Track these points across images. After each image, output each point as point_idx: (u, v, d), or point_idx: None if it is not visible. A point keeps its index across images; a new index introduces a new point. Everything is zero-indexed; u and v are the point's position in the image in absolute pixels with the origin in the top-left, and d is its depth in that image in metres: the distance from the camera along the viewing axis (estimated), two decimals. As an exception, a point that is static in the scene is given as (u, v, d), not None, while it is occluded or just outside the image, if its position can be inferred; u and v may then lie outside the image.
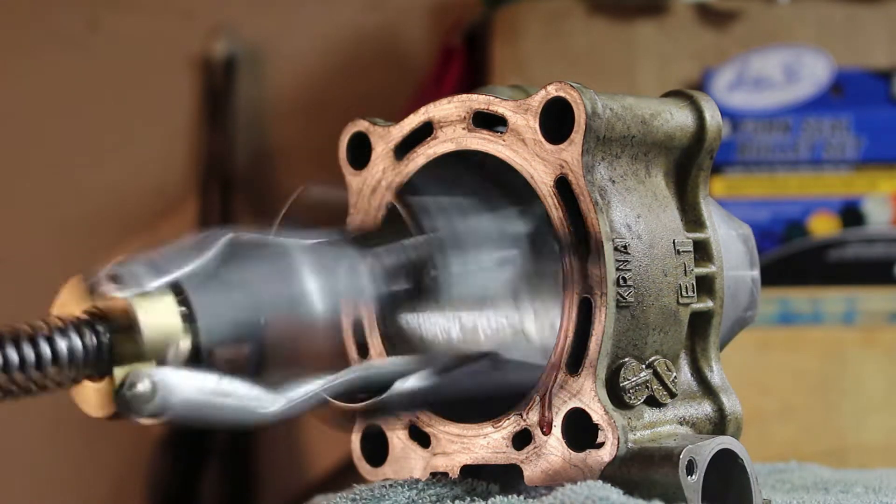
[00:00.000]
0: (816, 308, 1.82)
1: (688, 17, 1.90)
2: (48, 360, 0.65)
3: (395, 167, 0.83)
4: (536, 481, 0.77)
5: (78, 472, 2.43)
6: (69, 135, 2.45)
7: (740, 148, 1.86)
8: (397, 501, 0.77)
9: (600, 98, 0.76)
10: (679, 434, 0.78)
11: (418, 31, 2.37)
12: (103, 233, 2.42)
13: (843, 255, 1.84)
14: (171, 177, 2.44)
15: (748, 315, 0.86)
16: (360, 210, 0.85)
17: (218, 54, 2.40)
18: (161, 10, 2.44)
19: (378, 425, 0.84)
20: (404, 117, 0.83)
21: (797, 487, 0.93)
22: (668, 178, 0.82)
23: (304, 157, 2.38)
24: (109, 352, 0.66)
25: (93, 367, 0.66)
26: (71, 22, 2.45)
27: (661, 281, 0.77)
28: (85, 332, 0.66)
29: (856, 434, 1.78)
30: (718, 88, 1.87)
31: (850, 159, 1.85)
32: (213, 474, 2.32)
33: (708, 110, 0.82)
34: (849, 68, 1.87)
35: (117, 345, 0.67)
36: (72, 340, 0.65)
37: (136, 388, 0.66)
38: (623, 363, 0.76)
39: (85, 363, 0.66)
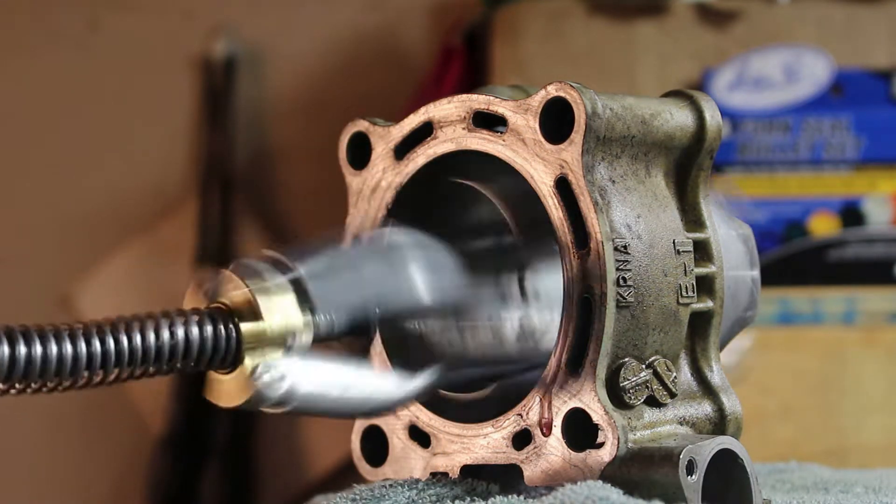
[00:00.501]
0: (816, 308, 1.82)
1: (688, 17, 1.90)
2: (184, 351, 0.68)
3: (395, 167, 0.83)
4: (536, 481, 0.77)
5: (78, 472, 2.43)
6: (69, 135, 2.45)
7: (740, 148, 1.86)
8: (397, 501, 0.77)
9: (600, 98, 0.76)
10: (679, 434, 0.78)
11: (418, 31, 2.37)
12: (103, 233, 2.42)
13: (843, 255, 1.84)
14: (171, 177, 2.44)
15: (748, 315, 0.86)
16: (360, 210, 0.85)
17: (218, 54, 2.40)
18: (161, 10, 2.44)
19: (378, 425, 0.84)
20: (404, 117, 0.83)
21: (797, 487, 0.93)
22: (668, 178, 0.82)
23: (304, 157, 2.38)
24: (238, 342, 0.69)
25: (223, 357, 0.69)
26: (71, 22, 2.45)
27: (661, 281, 0.77)
28: (217, 323, 0.69)
29: (856, 434, 1.78)
30: (718, 88, 1.87)
31: (850, 159, 1.85)
32: (213, 474, 2.32)
33: (708, 110, 0.82)
34: (849, 68, 1.87)
35: (246, 336, 0.69)
36: (204, 329, 0.68)
37: (265, 378, 0.69)
38: (623, 363, 0.76)
39: (215, 352, 0.69)
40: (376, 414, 0.80)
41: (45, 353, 0.63)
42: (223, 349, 0.69)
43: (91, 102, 2.45)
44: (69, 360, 0.64)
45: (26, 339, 0.63)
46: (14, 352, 0.62)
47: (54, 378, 0.64)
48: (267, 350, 0.70)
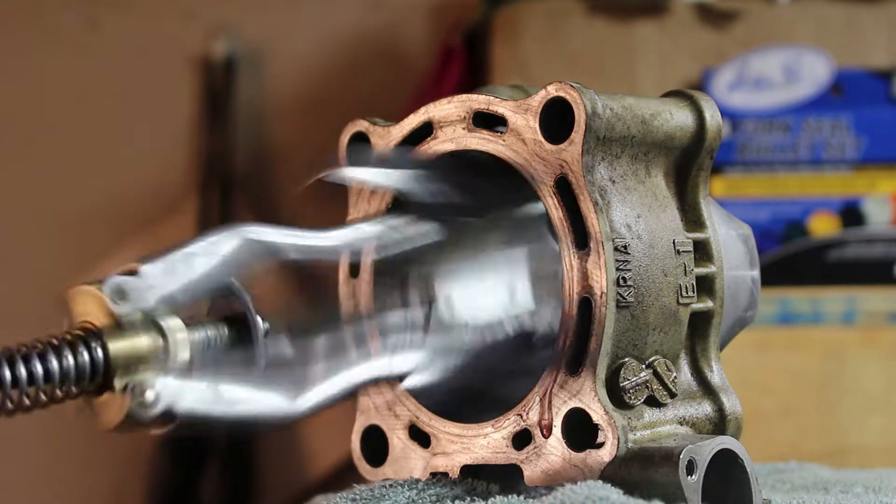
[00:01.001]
0: (816, 308, 1.82)
1: (688, 17, 1.90)
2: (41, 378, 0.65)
3: (395, 167, 0.83)
4: (536, 481, 0.77)
5: (78, 472, 2.43)
6: (69, 134, 2.45)
7: (740, 148, 1.86)
8: (397, 501, 0.77)
9: (600, 98, 0.76)
10: (679, 434, 0.78)
11: (418, 31, 2.37)
12: (103, 233, 2.42)
13: (843, 255, 1.84)
14: (171, 177, 2.44)
15: (748, 315, 0.86)
16: (360, 210, 0.85)
17: (218, 54, 2.40)
18: (161, 10, 2.44)
19: (378, 425, 0.84)
20: (404, 117, 0.83)
21: (797, 487, 0.93)
22: (668, 178, 0.82)
23: (304, 157, 2.38)
24: (105, 368, 0.67)
25: (89, 383, 0.67)
26: (70, 22, 2.45)
27: (661, 281, 0.77)
28: (80, 349, 0.67)
29: (856, 434, 1.78)
30: (718, 88, 1.87)
31: (850, 159, 1.85)
32: (213, 474, 2.32)
33: (708, 110, 0.82)
34: (849, 68, 1.87)
35: (116, 358, 0.67)
36: (65, 358, 0.66)
37: (140, 400, 0.67)
38: (623, 363, 0.76)
39: (79, 380, 0.67)
40: (272, 429, 0.77)
41: None
42: (95, 372, 0.67)
43: (91, 102, 2.44)
44: None
45: None
46: None
47: None
48: (140, 370, 0.68)
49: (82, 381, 0.67)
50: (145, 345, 0.68)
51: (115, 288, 0.68)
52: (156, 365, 0.68)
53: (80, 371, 0.66)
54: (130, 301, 0.68)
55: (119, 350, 0.67)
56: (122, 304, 0.68)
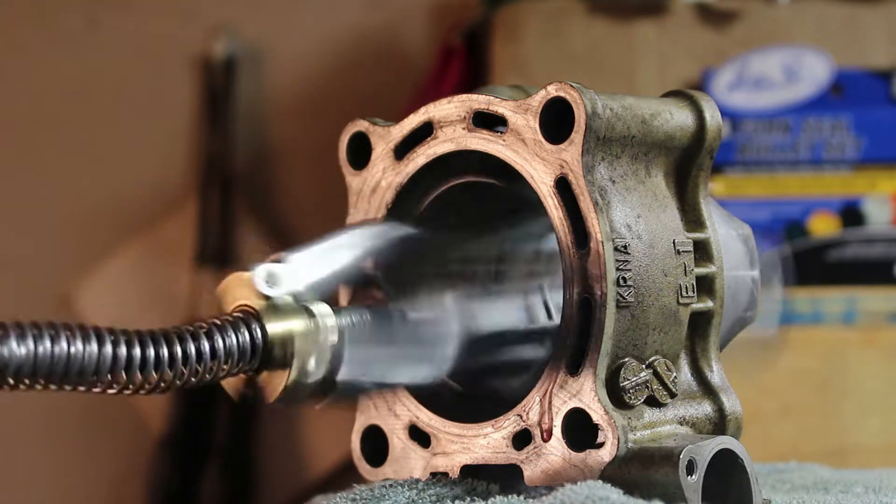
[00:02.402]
0: (816, 308, 1.82)
1: (688, 17, 1.90)
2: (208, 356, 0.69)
3: (395, 167, 0.83)
4: (536, 481, 0.77)
5: (78, 472, 2.43)
6: (69, 135, 2.45)
7: (740, 148, 1.86)
8: (397, 501, 0.77)
9: (600, 98, 0.76)
10: (679, 434, 0.78)
11: (418, 31, 2.37)
12: (103, 233, 2.42)
13: (843, 255, 1.84)
14: (171, 177, 2.44)
15: (748, 315, 0.86)
16: (360, 210, 0.85)
17: (218, 54, 2.40)
18: (161, 10, 2.44)
19: (378, 425, 0.84)
20: (404, 117, 0.83)
21: (797, 487, 0.93)
22: (668, 178, 0.82)
23: (304, 157, 2.38)
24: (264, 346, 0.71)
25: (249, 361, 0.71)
26: (71, 22, 2.45)
27: (661, 281, 0.77)
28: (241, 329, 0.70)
29: (856, 434, 1.78)
30: (718, 88, 1.87)
31: (850, 159, 1.85)
32: (213, 474, 2.32)
33: (708, 110, 0.82)
34: (849, 68, 1.87)
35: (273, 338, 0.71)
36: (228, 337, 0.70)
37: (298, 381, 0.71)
38: (623, 363, 0.76)
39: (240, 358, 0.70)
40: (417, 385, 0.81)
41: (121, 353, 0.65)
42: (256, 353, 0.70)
43: (91, 102, 2.45)
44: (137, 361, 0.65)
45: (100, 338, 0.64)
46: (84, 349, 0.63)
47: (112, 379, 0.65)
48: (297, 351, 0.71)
49: (243, 360, 0.70)
50: (299, 327, 0.71)
51: (266, 273, 0.71)
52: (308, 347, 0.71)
53: (243, 350, 0.70)
54: (280, 287, 0.71)
55: (276, 331, 0.71)
56: (274, 289, 0.71)
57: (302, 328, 0.71)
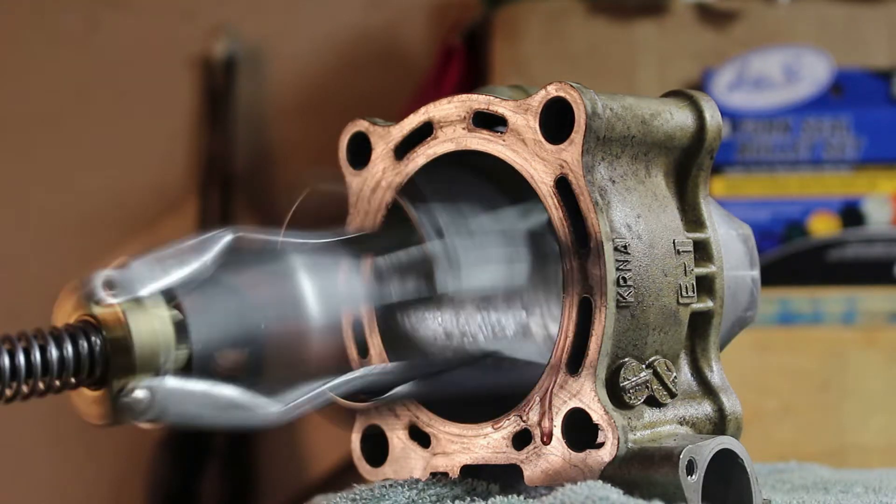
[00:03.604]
0: (816, 308, 1.82)
1: (688, 17, 1.90)
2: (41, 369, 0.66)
3: (395, 167, 0.83)
4: (536, 481, 0.77)
5: (78, 472, 2.43)
6: (69, 135, 2.45)
7: (740, 148, 1.86)
8: (397, 501, 0.77)
9: (600, 98, 0.76)
10: (679, 434, 0.78)
11: (418, 31, 2.37)
12: (103, 233, 2.42)
13: (843, 255, 1.84)
14: (171, 177, 2.44)
15: (748, 315, 0.86)
16: (360, 210, 0.85)
17: (218, 54, 2.40)
18: (161, 10, 2.44)
19: (378, 425, 0.84)
20: (404, 117, 0.83)
21: (797, 487, 0.93)
22: (668, 178, 0.82)
23: (304, 157, 2.38)
24: (104, 360, 0.67)
25: (88, 375, 0.67)
26: (71, 22, 2.45)
27: (661, 281, 0.77)
28: (79, 340, 0.67)
29: (856, 434, 1.77)
30: (718, 88, 1.87)
31: (850, 159, 1.85)
32: (213, 474, 2.32)
33: (708, 110, 0.82)
34: (849, 68, 1.87)
35: (113, 352, 0.68)
36: (66, 348, 0.66)
37: (132, 396, 0.68)
38: (623, 363, 0.76)
39: (78, 371, 0.67)
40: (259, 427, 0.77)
41: None
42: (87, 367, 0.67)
43: (91, 102, 2.44)
44: None
45: None
46: None
47: None
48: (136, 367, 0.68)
49: (80, 373, 0.67)
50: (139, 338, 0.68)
51: (106, 281, 0.68)
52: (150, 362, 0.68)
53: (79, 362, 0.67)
54: (121, 294, 0.68)
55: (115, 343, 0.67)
56: (113, 297, 0.68)
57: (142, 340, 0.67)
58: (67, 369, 0.67)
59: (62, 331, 0.67)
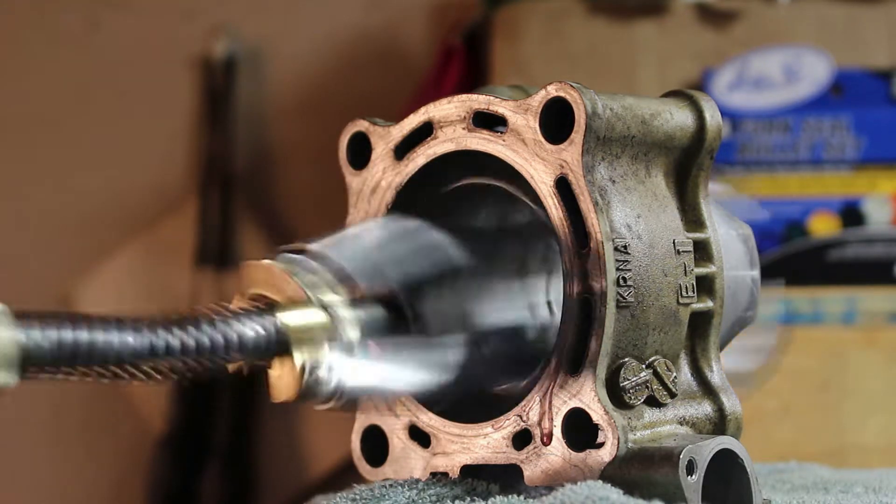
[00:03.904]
0: (816, 308, 1.82)
1: (688, 17, 1.90)
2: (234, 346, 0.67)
3: (395, 167, 0.83)
4: (536, 481, 0.77)
5: (78, 472, 2.43)
6: (69, 135, 2.45)
7: (740, 148, 1.86)
8: (397, 501, 0.77)
9: (600, 98, 0.76)
10: (679, 434, 0.78)
11: (418, 31, 2.37)
12: (103, 233, 2.42)
13: (843, 255, 1.84)
14: (171, 177, 2.44)
15: (748, 315, 0.86)
16: (360, 210, 0.85)
17: (218, 54, 2.40)
18: (161, 10, 2.44)
19: (378, 425, 0.84)
20: (404, 117, 0.83)
21: (797, 487, 0.93)
22: (668, 178, 0.82)
23: (304, 157, 2.38)
24: (286, 340, 0.69)
25: (267, 354, 0.69)
26: (71, 22, 2.45)
27: (661, 281, 0.77)
28: (259, 320, 0.69)
29: (856, 434, 1.78)
30: (718, 88, 1.87)
31: (850, 159, 1.85)
32: (213, 474, 2.32)
33: (708, 110, 0.82)
34: (849, 68, 1.87)
35: (293, 331, 0.69)
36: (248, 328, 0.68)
37: (315, 374, 0.70)
38: (623, 363, 0.76)
39: (262, 350, 0.69)
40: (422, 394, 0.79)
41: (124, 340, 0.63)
42: (273, 345, 0.69)
43: (91, 102, 2.45)
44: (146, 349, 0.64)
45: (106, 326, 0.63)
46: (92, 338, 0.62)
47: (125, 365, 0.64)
48: (315, 345, 0.70)
49: (261, 352, 0.69)
50: (318, 321, 0.70)
51: (287, 263, 0.70)
52: (328, 341, 0.70)
53: (260, 341, 0.68)
54: (298, 277, 0.70)
55: (295, 323, 0.69)
56: (296, 279, 0.70)
57: (320, 323, 0.70)
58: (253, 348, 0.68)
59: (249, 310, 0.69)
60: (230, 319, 0.68)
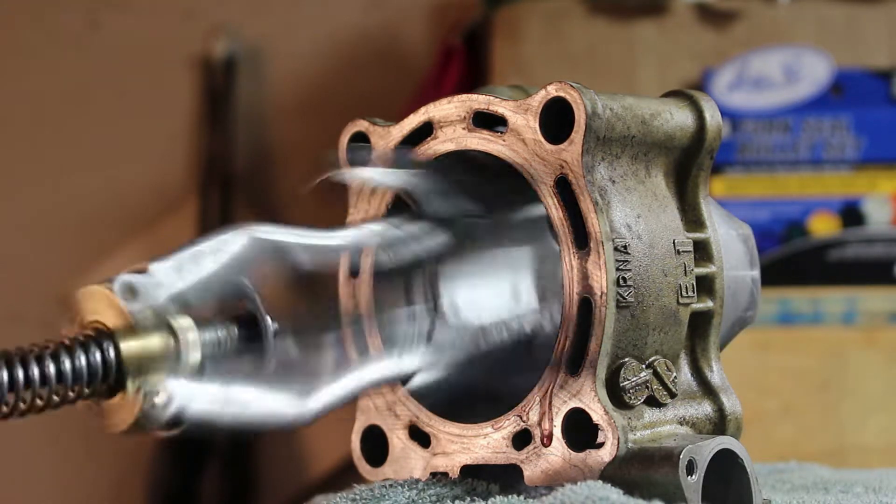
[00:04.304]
0: (816, 308, 1.82)
1: (688, 17, 1.90)
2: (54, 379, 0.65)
3: (395, 167, 0.83)
4: (536, 481, 0.77)
5: (78, 472, 2.43)
6: (69, 135, 2.45)
7: (740, 148, 1.86)
8: (397, 501, 0.77)
9: (600, 98, 0.76)
10: (679, 434, 0.78)
11: (418, 31, 2.37)
12: (103, 233, 2.42)
13: (843, 255, 1.84)
14: (171, 177, 2.44)
15: (748, 315, 0.86)
16: (360, 210, 0.85)
17: (218, 54, 2.40)
18: (161, 10, 2.44)
19: (378, 425, 0.84)
20: (404, 117, 0.83)
21: (797, 487, 0.93)
22: (668, 178, 0.82)
23: (304, 157, 2.38)
24: (117, 368, 0.66)
25: (101, 384, 0.66)
26: (71, 22, 2.45)
27: (661, 281, 0.77)
28: (91, 350, 0.66)
29: (856, 434, 1.78)
30: (718, 88, 1.87)
31: (850, 159, 1.85)
32: (213, 474, 2.32)
33: (708, 110, 0.82)
34: (849, 68, 1.87)
35: (128, 359, 0.66)
36: (77, 358, 0.65)
37: (152, 402, 0.67)
38: (623, 363, 0.76)
39: (91, 381, 0.66)
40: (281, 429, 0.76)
41: None
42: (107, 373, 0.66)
43: (91, 102, 2.45)
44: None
45: None
46: None
47: None
48: (151, 371, 0.67)
49: (94, 382, 0.66)
50: (157, 345, 0.67)
51: (125, 286, 0.67)
52: (167, 366, 0.67)
53: (93, 372, 0.65)
54: (140, 300, 0.67)
55: (131, 350, 0.66)
56: (132, 304, 0.67)
57: (159, 347, 0.66)
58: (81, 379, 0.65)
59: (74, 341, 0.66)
60: (59, 350, 0.65)
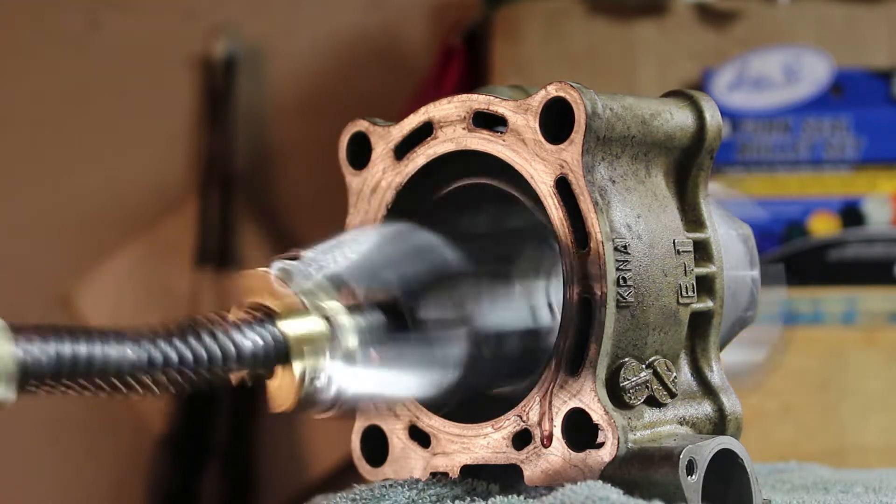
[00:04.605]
0: (816, 308, 1.82)
1: (688, 17, 1.90)
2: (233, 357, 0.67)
3: (395, 167, 0.83)
4: (536, 481, 0.77)
5: (78, 472, 2.43)
6: (69, 135, 2.45)
7: (740, 148, 1.86)
8: (397, 501, 0.77)
9: (600, 98, 0.76)
10: (679, 434, 0.78)
11: (418, 31, 2.37)
12: (103, 233, 2.42)
13: (843, 255, 1.84)
14: (171, 177, 2.44)
15: (748, 315, 0.86)
16: (360, 210, 0.85)
17: (218, 54, 2.40)
18: (161, 10, 2.44)
19: (378, 425, 0.84)
20: (404, 117, 0.83)
21: (797, 487, 0.93)
22: (668, 178, 0.82)
23: (304, 157, 2.38)
24: (285, 349, 0.69)
25: (269, 364, 0.69)
26: (71, 22, 2.45)
27: (661, 281, 0.77)
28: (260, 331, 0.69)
29: (856, 434, 1.78)
30: (718, 88, 1.87)
31: (850, 159, 1.85)
32: (213, 474, 2.32)
33: (708, 110, 0.82)
34: (849, 68, 1.87)
35: (294, 340, 0.69)
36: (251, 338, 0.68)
37: (314, 383, 0.69)
38: (623, 363, 0.76)
39: (261, 360, 0.68)
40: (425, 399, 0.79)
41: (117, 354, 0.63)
42: (272, 355, 0.69)
43: (91, 102, 2.45)
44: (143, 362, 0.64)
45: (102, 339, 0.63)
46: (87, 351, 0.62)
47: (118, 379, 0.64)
48: (314, 353, 0.70)
49: (259, 362, 0.68)
50: (319, 328, 0.70)
51: (282, 271, 0.70)
52: (327, 348, 0.70)
53: (258, 352, 0.68)
54: (295, 285, 0.70)
55: (296, 332, 0.69)
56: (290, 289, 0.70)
57: (318, 330, 0.70)
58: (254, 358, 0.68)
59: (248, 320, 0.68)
60: (229, 330, 0.67)
